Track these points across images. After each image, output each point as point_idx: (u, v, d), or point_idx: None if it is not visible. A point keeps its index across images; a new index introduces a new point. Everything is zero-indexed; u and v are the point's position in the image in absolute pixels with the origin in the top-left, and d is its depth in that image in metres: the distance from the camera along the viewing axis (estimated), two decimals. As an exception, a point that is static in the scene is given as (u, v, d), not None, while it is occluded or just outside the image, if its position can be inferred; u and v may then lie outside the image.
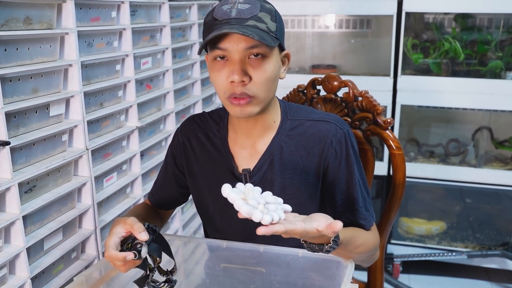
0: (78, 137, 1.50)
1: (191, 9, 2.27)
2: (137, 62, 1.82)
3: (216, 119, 1.26)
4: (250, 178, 1.18)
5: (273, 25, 1.06)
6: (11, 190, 1.24)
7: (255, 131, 1.18)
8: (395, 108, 2.38)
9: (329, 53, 2.74)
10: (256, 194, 0.92)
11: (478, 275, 2.54)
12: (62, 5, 1.41)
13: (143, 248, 0.96)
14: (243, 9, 1.03)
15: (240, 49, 1.03)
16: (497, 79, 2.33)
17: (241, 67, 1.03)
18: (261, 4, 1.06)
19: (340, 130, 1.16)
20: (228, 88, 1.06)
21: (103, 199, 1.62)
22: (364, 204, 1.18)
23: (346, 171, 1.16)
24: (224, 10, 1.04)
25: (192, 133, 1.26)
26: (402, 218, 2.68)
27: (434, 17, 2.48)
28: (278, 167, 1.17)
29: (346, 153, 1.16)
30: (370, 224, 1.19)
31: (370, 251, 1.16)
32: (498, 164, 2.49)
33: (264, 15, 1.04)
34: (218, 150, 1.22)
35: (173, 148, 1.30)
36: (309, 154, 1.16)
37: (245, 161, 1.20)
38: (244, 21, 1.02)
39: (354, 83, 1.46)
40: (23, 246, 1.27)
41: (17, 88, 1.27)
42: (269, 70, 1.06)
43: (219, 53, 1.05)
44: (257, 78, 1.05)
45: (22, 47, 1.28)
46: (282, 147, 1.17)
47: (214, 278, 1.28)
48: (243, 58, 1.04)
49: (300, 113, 1.20)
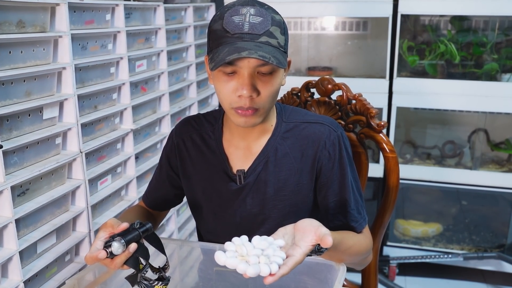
0: (72, 140, 1.50)
1: (186, 12, 2.27)
2: (132, 64, 1.82)
3: (211, 120, 1.26)
4: (245, 179, 1.18)
5: (283, 39, 1.06)
6: (3, 193, 1.24)
7: (252, 134, 1.19)
8: (391, 110, 2.38)
9: (325, 55, 2.74)
10: (249, 246, 0.91)
11: (474, 277, 2.54)
12: (55, 8, 1.41)
13: (113, 243, 0.96)
14: (256, 23, 1.02)
15: (251, 65, 1.03)
16: (493, 81, 2.33)
17: (251, 82, 1.03)
18: (272, 16, 1.05)
19: (334, 132, 1.17)
20: (235, 101, 1.06)
21: (97, 202, 1.62)
22: (356, 206, 1.18)
23: (339, 173, 1.17)
24: (235, 23, 1.02)
25: (186, 134, 1.26)
26: (398, 220, 2.68)
27: (430, 19, 2.49)
28: (272, 168, 1.17)
29: (340, 155, 1.16)
30: (362, 226, 1.19)
31: (362, 253, 1.16)
32: (494, 166, 2.49)
33: (275, 29, 1.04)
34: (212, 151, 1.22)
35: (167, 150, 1.30)
36: (303, 156, 1.17)
37: (239, 162, 1.20)
38: (257, 37, 1.01)
39: (348, 86, 1.46)
40: (16, 249, 1.27)
41: (10, 91, 1.27)
42: (276, 83, 1.07)
43: (230, 69, 1.04)
44: (265, 92, 1.05)
45: (15, 50, 1.28)
46: (276, 148, 1.17)
47: (207, 281, 1.28)
48: (253, 73, 1.04)
49: (295, 116, 1.21)
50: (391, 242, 2.59)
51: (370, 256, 1.25)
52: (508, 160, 2.52)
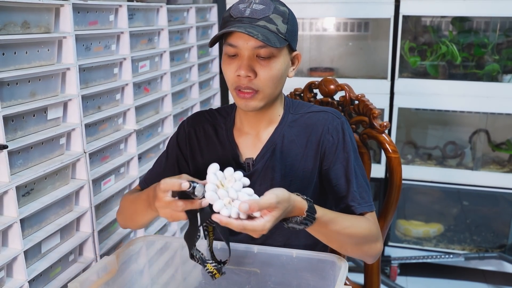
0: (75, 140, 1.51)
1: (189, 12, 2.28)
2: (135, 65, 1.83)
3: (223, 114, 1.30)
4: (253, 166, 1.22)
5: (284, 27, 1.11)
6: (8, 193, 1.24)
7: (260, 123, 1.23)
8: (393, 111, 2.39)
9: (327, 56, 2.75)
10: (236, 186, 0.96)
11: (475, 277, 2.55)
12: (60, 9, 1.42)
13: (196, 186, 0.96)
14: (257, 9, 1.10)
15: (249, 47, 1.09)
16: (494, 82, 2.34)
17: (248, 63, 1.10)
18: (275, 6, 1.12)
19: (337, 119, 1.22)
20: (235, 80, 1.13)
21: (100, 202, 1.62)
22: (359, 190, 1.18)
23: (342, 157, 1.19)
24: (239, 9, 1.11)
25: (199, 125, 1.29)
26: (400, 220, 2.68)
27: (431, 20, 2.49)
28: (279, 155, 1.21)
29: (343, 140, 1.20)
30: (362, 209, 1.17)
31: (363, 236, 1.13)
32: (495, 167, 2.50)
33: (276, 16, 1.10)
34: (223, 141, 1.26)
35: (178, 138, 1.31)
36: (308, 142, 1.21)
37: (248, 150, 1.24)
38: (255, 21, 1.09)
39: (350, 86, 1.47)
40: (21, 249, 1.27)
41: (15, 92, 1.28)
42: (275, 68, 1.12)
43: (231, 49, 1.11)
44: (262, 74, 1.11)
45: (20, 51, 1.29)
46: (283, 136, 1.22)
47: (209, 279, 1.28)
48: (252, 55, 1.10)
49: (301, 108, 1.26)
50: (393, 243, 2.59)
51: (378, 245, 1.18)
52: (509, 160, 2.52)
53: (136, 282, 1.26)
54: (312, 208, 1.01)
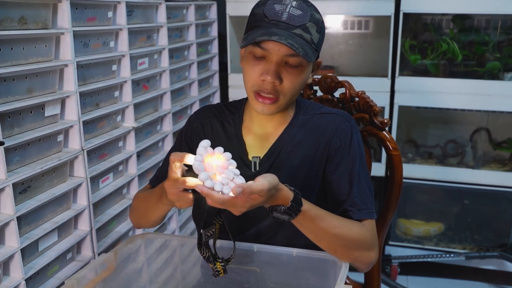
0: (73, 138, 1.49)
1: (188, 10, 2.27)
2: (134, 62, 1.82)
3: (231, 109, 1.29)
4: (260, 166, 1.20)
5: (317, 37, 1.09)
6: (5, 191, 1.23)
7: (271, 123, 1.22)
8: (393, 109, 2.37)
9: (327, 54, 2.74)
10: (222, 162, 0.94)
11: (476, 277, 2.54)
12: (57, 5, 1.40)
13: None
14: (294, 15, 1.06)
15: (280, 53, 1.06)
16: (495, 80, 2.33)
17: (276, 69, 1.07)
18: (312, 13, 1.09)
19: (346, 122, 1.20)
20: (258, 84, 1.10)
21: (98, 200, 1.61)
22: (361, 196, 1.15)
23: (346, 160, 1.17)
24: (276, 10, 1.07)
25: (206, 120, 1.28)
26: (400, 219, 2.67)
27: (432, 18, 2.48)
28: (286, 156, 1.20)
29: (350, 144, 1.18)
30: (361, 215, 1.14)
31: (353, 240, 1.10)
32: (496, 165, 2.48)
33: (312, 25, 1.08)
34: (231, 137, 1.24)
35: (186, 133, 1.30)
36: (316, 143, 1.19)
37: (256, 149, 1.23)
38: (292, 28, 1.06)
39: (350, 83, 1.46)
40: (18, 247, 1.26)
41: (11, 88, 1.27)
42: (301, 77, 1.11)
43: (259, 51, 1.07)
44: (287, 82, 1.09)
45: (17, 47, 1.28)
46: (292, 137, 1.20)
47: (209, 277, 1.27)
48: (280, 61, 1.08)
49: (312, 109, 1.25)
50: (393, 242, 2.58)
51: (372, 254, 1.15)
52: (510, 159, 2.51)
53: (135, 280, 1.25)
54: (298, 199, 1.00)
